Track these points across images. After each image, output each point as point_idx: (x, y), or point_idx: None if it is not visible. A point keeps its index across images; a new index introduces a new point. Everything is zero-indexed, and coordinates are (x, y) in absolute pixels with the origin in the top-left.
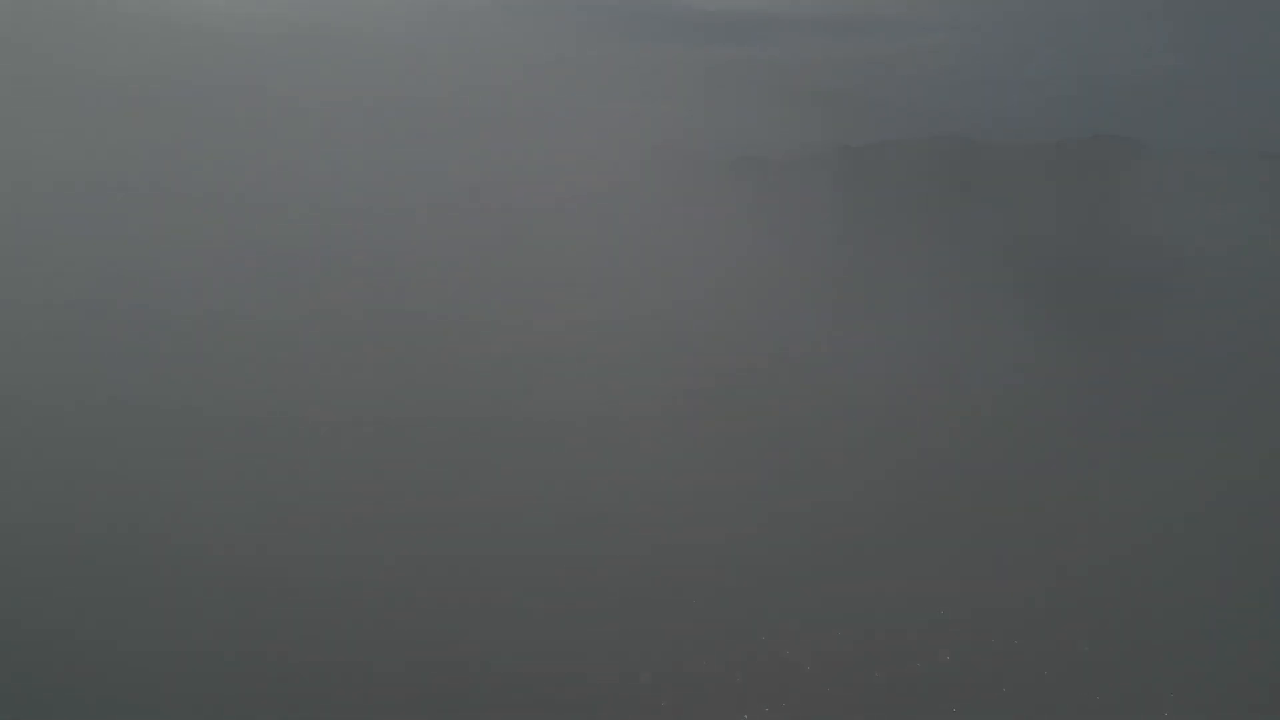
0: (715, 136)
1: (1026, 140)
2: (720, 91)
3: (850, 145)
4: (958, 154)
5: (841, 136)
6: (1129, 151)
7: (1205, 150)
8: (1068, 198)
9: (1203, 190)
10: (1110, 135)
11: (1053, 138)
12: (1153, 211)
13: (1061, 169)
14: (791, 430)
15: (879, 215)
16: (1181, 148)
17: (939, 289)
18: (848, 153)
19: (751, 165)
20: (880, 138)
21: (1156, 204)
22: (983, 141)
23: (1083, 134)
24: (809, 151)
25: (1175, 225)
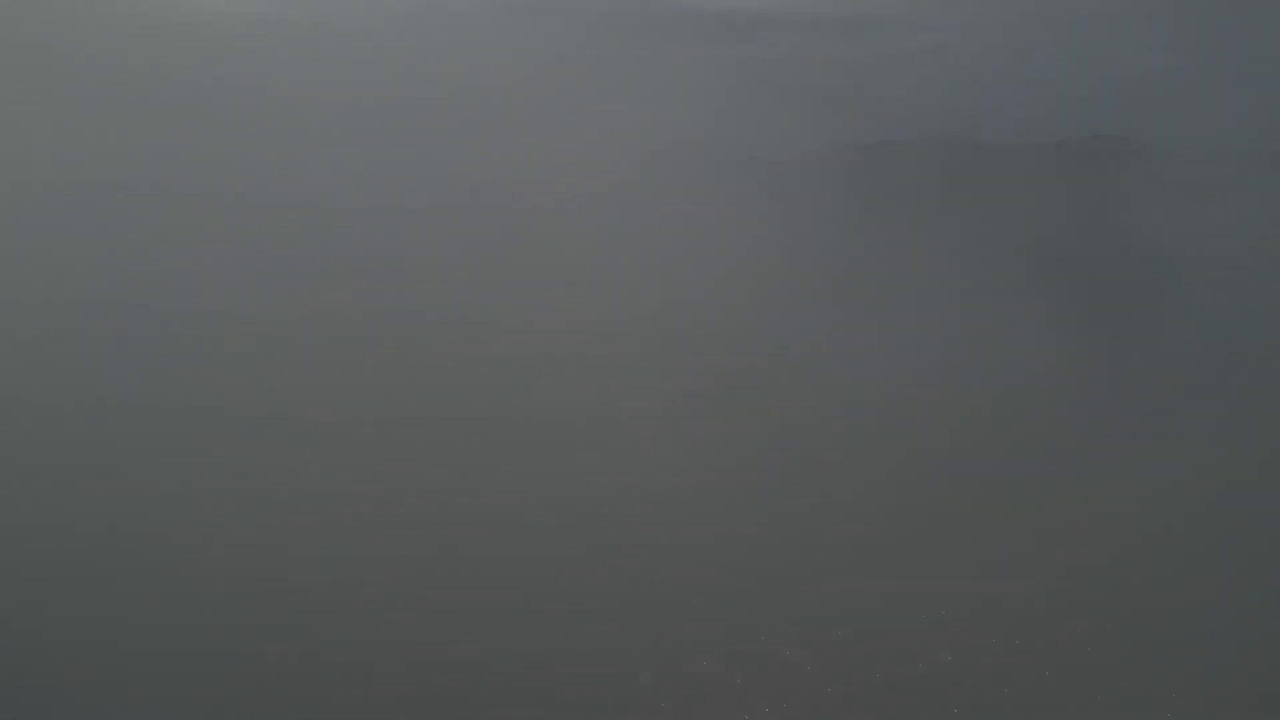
0: (715, 136)
1: (1027, 140)
2: (720, 91)
3: (851, 145)
4: (958, 154)
5: (842, 136)
6: (1130, 151)
7: (1207, 150)
8: (1068, 198)
9: (1204, 190)
10: (1111, 135)
11: (1054, 138)
12: (1154, 211)
13: (1062, 169)
14: (792, 430)
15: (879, 215)
16: (1183, 148)
17: (939, 289)
18: (848, 152)
19: (751, 165)
20: (881, 138)
21: (1158, 204)
22: (983, 141)
23: (1084, 134)
24: (809, 151)
25: (1177, 225)
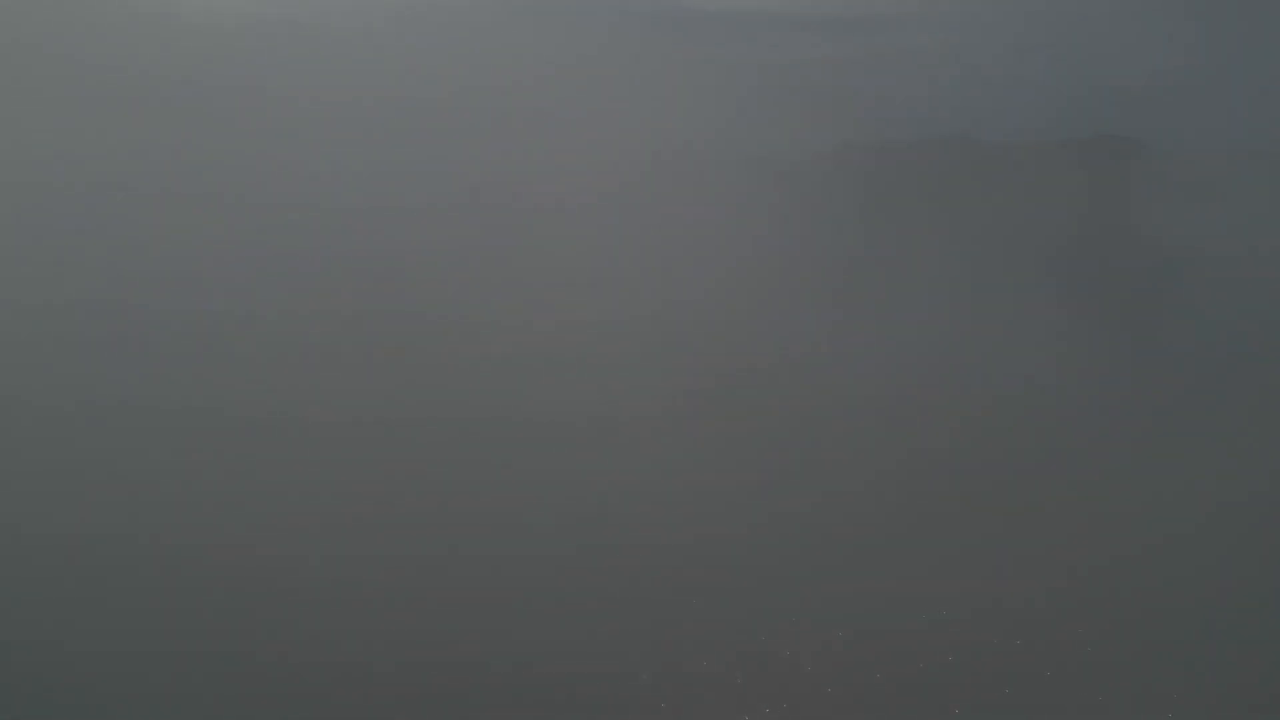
0: (714, 137)
1: (1028, 140)
2: (720, 92)
3: (851, 145)
4: (959, 154)
5: (842, 136)
6: (1132, 152)
7: (1209, 150)
8: (1070, 198)
9: (1207, 190)
10: (1113, 136)
11: (1055, 138)
12: (1156, 211)
13: (1064, 169)
14: (792, 430)
15: (879, 215)
16: (1185, 148)
17: (940, 289)
18: (849, 152)
19: (751, 165)
20: (881, 138)
21: (1160, 204)
22: (983, 141)
23: (1085, 134)
24: (810, 151)
25: (1179, 225)
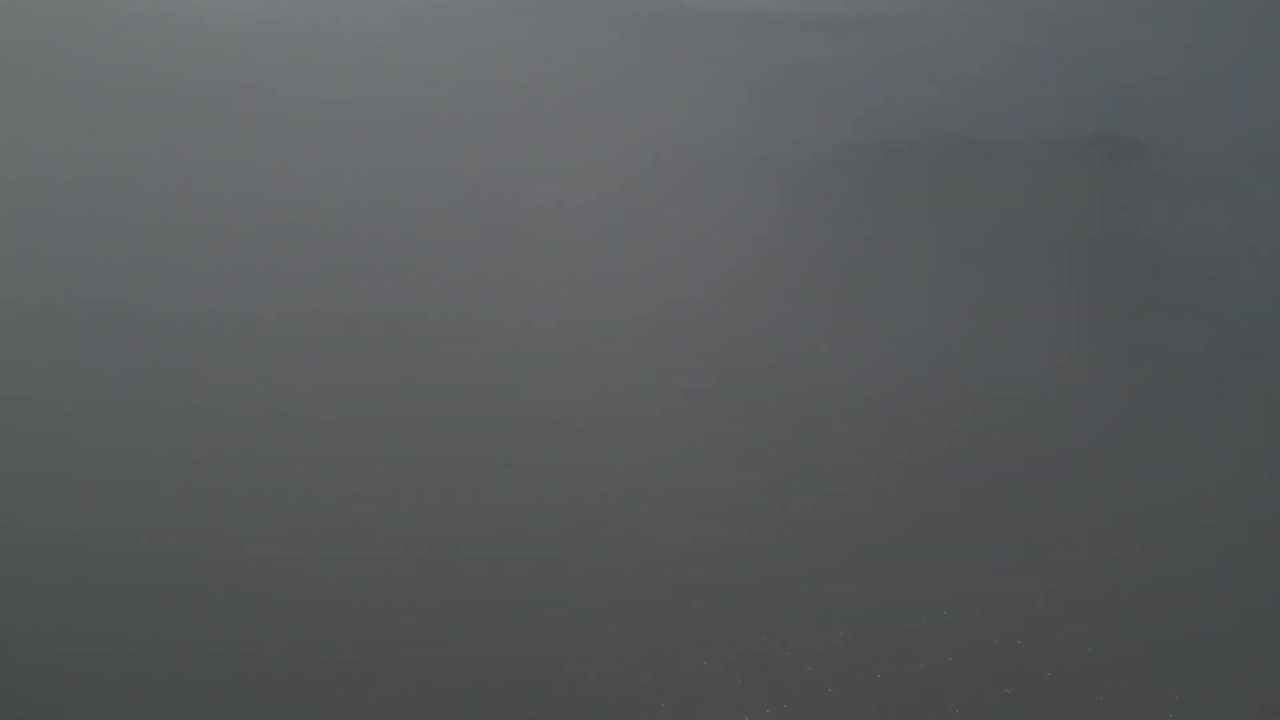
0: (715, 136)
1: (1028, 140)
2: (720, 91)
3: (851, 145)
4: (959, 154)
5: (842, 136)
6: (1134, 152)
7: (1211, 151)
8: (1070, 198)
9: (1207, 190)
10: (1114, 136)
11: (1055, 138)
12: (1157, 212)
13: (1064, 169)
14: (791, 430)
15: (879, 215)
16: (1185, 148)
17: (940, 289)
18: (849, 152)
19: (751, 165)
20: (881, 138)
21: (1161, 204)
22: (984, 141)
23: (1085, 134)
24: (810, 151)
25: (1179, 225)
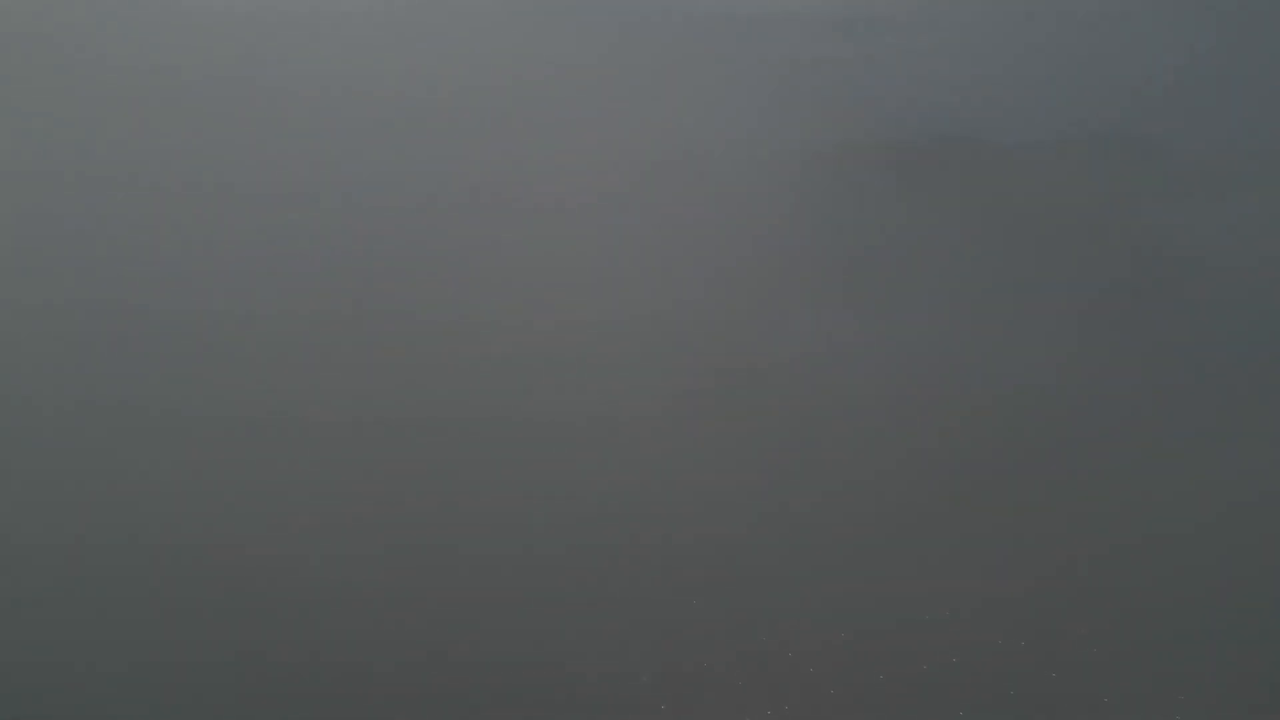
0: (715, 136)
1: (1028, 140)
2: (721, 91)
3: (852, 145)
4: (959, 154)
5: (843, 136)
6: (1132, 152)
7: (1209, 150)
8: (1070, 198)
9: (1207, 190)
10: (1113, 135)
11: (1055, 138)
12: (1157, 212)
13: (1064, 169)
14: (791, 430)
15: (880, 215)
16: (1185, 148)
17: (941, 289)
18: (849, 152)
19: (752, 165)
20: (882, 138)
21: (1160, 204)
22: (984, 141)
23: (1086, 134)
24: (810, 151)
25: (1179, 225)
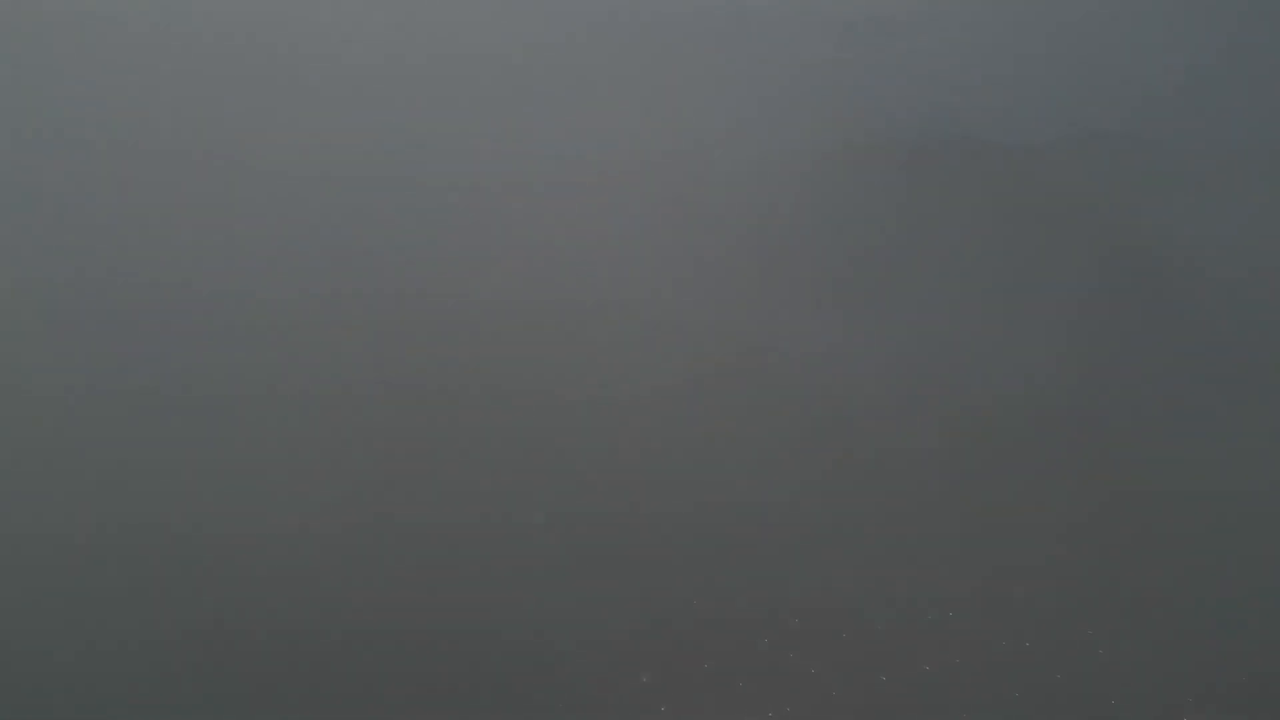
0: (718, 136)
1: (1027, 140)
2: (719, 91)
3: (851, 145)
4: (959, 154)
5: (844, 136)
6: (1132, 152)
7: (1209, 150)
8: (1070, 198)
9: (1207, 190)
10: (1113, 135)
11: (1055, 138)
12: (1157, 212)
13: (1064, 169)
14: (792, 429)
15: (880, 215)
16: (1185, 148)
17: (940, 289)
18: (849, 152)
19: (753, 165)
20: (882, 138)
21: (1160, 204)
22: (983, 141)
23: (1085, 134)
24: (810, 151)
25: (1179, 225)
